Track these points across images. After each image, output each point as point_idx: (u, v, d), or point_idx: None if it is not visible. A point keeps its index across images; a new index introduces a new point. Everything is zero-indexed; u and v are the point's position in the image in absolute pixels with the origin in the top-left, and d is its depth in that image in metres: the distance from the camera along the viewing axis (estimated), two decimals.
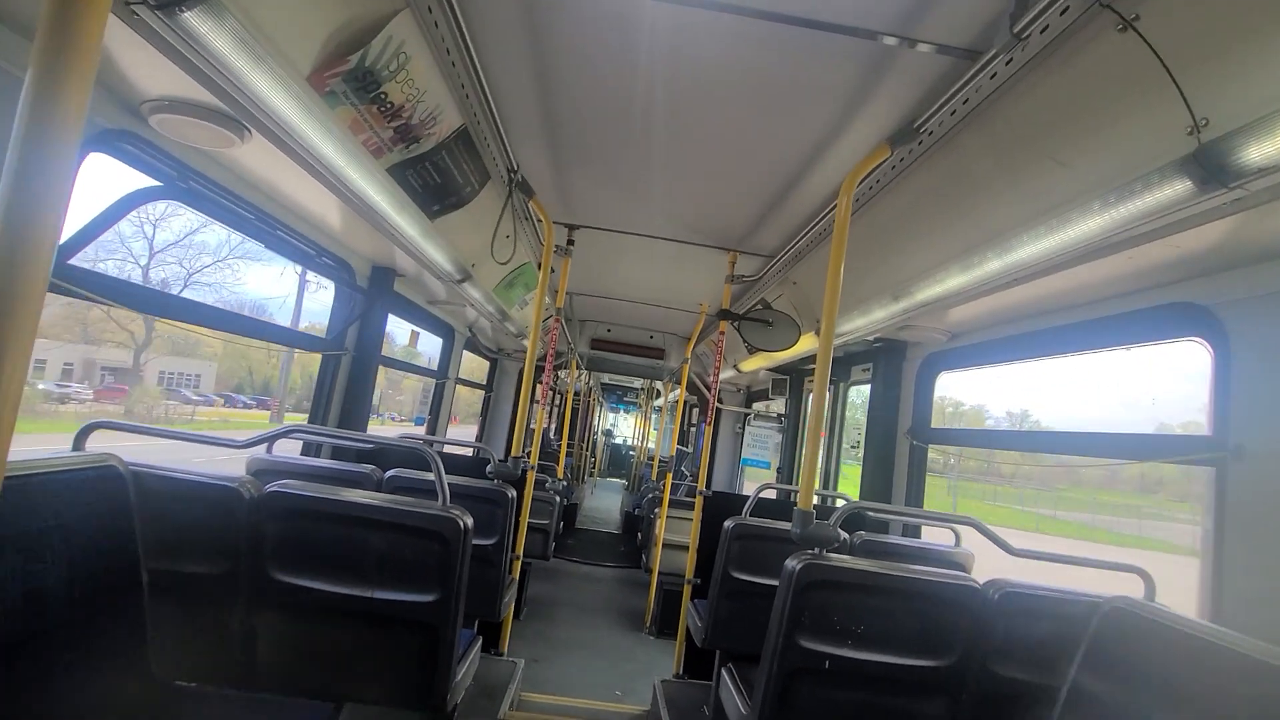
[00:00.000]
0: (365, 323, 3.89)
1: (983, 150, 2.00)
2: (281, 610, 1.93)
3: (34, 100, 0.70)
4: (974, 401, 27.20)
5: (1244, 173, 1.26)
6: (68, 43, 0.71)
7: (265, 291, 28.30)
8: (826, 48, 1.83)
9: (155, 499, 1.79)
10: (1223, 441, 1.91)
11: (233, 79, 1.48)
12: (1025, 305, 2.79)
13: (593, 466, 16.57)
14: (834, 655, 1.85)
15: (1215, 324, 2.00)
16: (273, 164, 2.39)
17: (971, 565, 3.03)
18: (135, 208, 2.18)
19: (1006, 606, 1.85)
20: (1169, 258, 1.98)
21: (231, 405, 17.84)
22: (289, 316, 14.38)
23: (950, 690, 1.89)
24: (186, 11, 1.25)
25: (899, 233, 2.64)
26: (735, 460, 7.91)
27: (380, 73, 1.83)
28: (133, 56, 1.68)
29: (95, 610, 1.58)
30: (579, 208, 3.64)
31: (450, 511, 1.94)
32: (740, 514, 3.06)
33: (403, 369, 5.03)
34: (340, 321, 3.80)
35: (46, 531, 1.45)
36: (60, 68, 0.71)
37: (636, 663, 4.82)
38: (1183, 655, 1.39)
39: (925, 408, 3.73)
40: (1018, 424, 32.30)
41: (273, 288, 27.57)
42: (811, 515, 1.92)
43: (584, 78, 2.21)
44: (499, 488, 3.07)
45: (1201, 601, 1.92)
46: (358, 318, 3.84)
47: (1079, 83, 1.58)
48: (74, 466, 1.56)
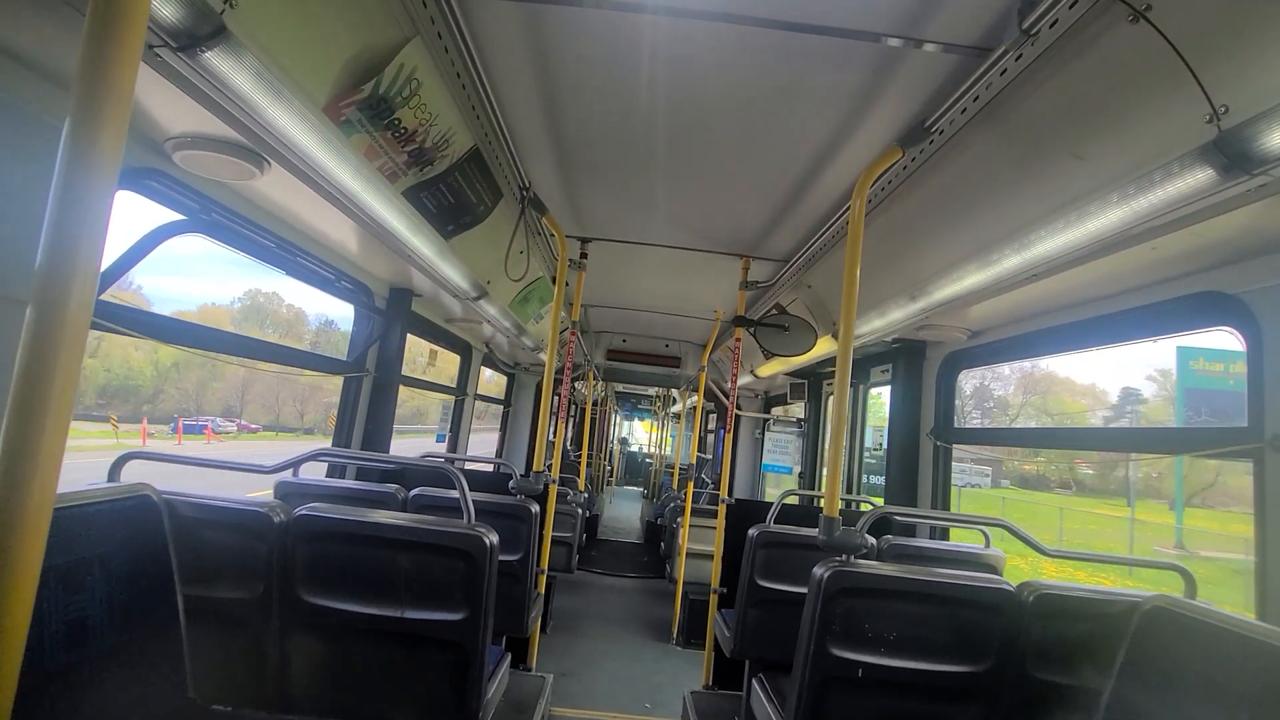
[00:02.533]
0: (384, 343, 3.94)
1: (997, 147, 1.98)
2: (313, 632, 1.95)
3: (72, 146, 0.73)
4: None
5: (1267, 158, 1.24)
6: (102, 90, 0.74)
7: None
8: (830, 52, 1.83)
9: (189, 526, 1.82)
10: (1259, 431, 1.86)
11: (253, 114, 1.52)
12: (1047, 300, 2.75)
13: (610, 476, 16.56)
14: (866, 663, 1.82)
15: (1245, 312, 1.96)
16: (291, 193, 2.44)
17: (1002, 567, 2.97)
18: (162, 242, 2.25)
19: (1042, 608, 1.81)
20: (1193, 247, 1.94)
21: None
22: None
23: (987, 696, 1.85)
24: (207, 51, 1.29)
25: (914, 232, 2.62)
26: (755, 466, 7.86)
27: (393, 100, 1.87)
28: (157, 97, 1.73)
29: (134, 637, 1.62)
30: (591, 221, 3.66)
31: (476, 529, 1.95)
32: (764, 521, 3.04)
33: (422, 387, 5.09)
34: (361, 343, 3.85)
35: (86, 562, 1.49)
36: (96, 113, 0.73)
37: (665, 674, 4.78)
38: (1230, 654, 1.35)
39: (947, 407, 3.68)
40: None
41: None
42: (838, 521, 1.90)
43: (591, 93, 2.23)
44: (522, 503, 3.08)
45: (1250, 599, 1.86)
46: (377, 339, 3.90)
47: (1092, 76, 1.57)
48: (110, 498, 1.60)
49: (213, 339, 2.73)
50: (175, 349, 2.44)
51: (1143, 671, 1.54)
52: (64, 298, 0.71)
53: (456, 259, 2.94)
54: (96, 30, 0.72)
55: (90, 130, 0.72)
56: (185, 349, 2.50)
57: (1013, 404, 32.22)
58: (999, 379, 32.49)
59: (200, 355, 2.72)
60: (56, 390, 0.70)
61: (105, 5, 0.72)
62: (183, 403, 24.16)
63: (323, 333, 27.41)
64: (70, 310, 0.71)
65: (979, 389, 30.94)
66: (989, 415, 30.77)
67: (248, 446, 23.34)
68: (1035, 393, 31.84)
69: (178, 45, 1.27)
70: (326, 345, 28.08)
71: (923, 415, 3.80)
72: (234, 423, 26.48)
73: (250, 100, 1.47)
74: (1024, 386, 32.47)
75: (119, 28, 0.73)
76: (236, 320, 29.50)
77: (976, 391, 30.56)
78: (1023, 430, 4.48)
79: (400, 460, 2.58)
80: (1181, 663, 1.46)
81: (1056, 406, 31.18)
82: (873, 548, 2.93)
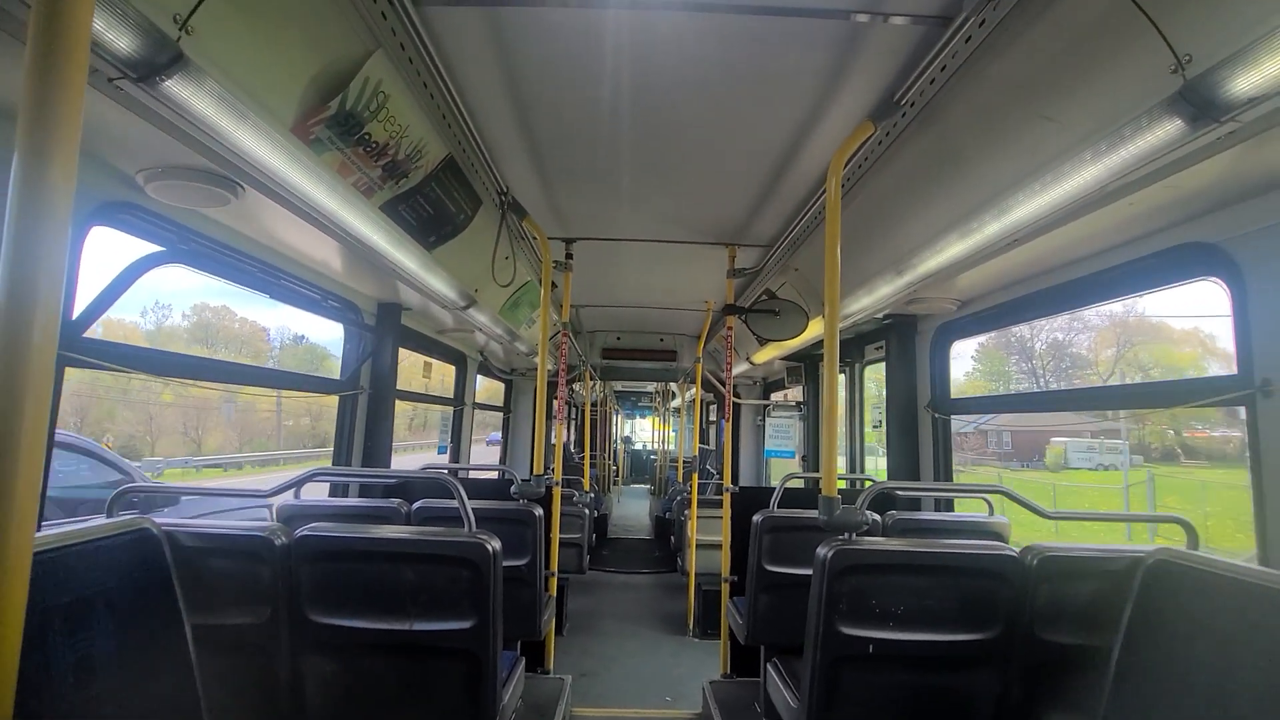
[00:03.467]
0: (377, 360, 3.94)
1: (968, 115, 1.98)
2: (324, 652, 1.95)
3: (23, 180, 0.72)
4: None
5: (1234, 104, 1.24)
6: (50, 122, 0.72)
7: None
8: (796, 32, 1.83)
9: (191, 556, 1.82)
10: (1249, 379, 1.87)
11: (220, 139, 1.52)
12: (1032, 265, 2.75)
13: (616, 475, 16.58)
14: (876, 639, 1.83)
15: (1227, 260, 1.96)
16: (269, 216, 2.44)
17: (1008, 534, 2.98)
18: (141, 275, 2.24)
19: (1046, 571, 1.82)
20: (1171, 199, 1.95)
21: None
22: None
23: (998, 662, 1.87)
24: (167, 80, 1.28)
25: (895, 207, 2.62)
26: (759, 453, 7.87)
27: (362, 114, 1.86)
28: (123, 129, 1.72)
29: (145, 671, 1.61)
30: (573, 221, 3.66)
31: (477, 537, 1.95)
32: (768, 507, 3.05)
33: (419, 401, 5.08)
34: (353, 361, 3.85)
35: (89, 600, 1.48)
36: (45, 146, 0.72)
37: (683, 666, 4.80)
38: (1234, 603, 1.36)
39: (943, 379, 3.69)
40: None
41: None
42: (838, 501, 1.91)
43: (560, 93, 2.23)
44: (525, 507, 3.08)
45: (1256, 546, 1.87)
46: (369, 356, 3.89)
47: (1055, 36, 1.57)
48: (109, 534, 1.60)
49: (202, 369, 2.72)
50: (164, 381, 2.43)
51: (1150, 625, 1.55)
52: (25, 337, 0.70)
53: (442, 270, 2.93)
54: (39, 62, 0.71)
55: (39, 164, 0.71)
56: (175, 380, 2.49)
57: (1101, 362, 26.29)
58: (1081, 328, 26.45)
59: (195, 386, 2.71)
60: (27, 432, 0.70)
61: (46, 36, 0.71)
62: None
63: (289, 349, 25.70)
64: (33, 349, 0.70)
65: (1054, 345, 26.02)
66: (1065, 377, 25.75)
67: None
68: (1130, 344, 25.35)
69: (137, 75, 1.26)
70: (293, 360, 26.61)
71: (919, 389, 3.81)
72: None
73: (216, 126, 1.46)
74: (1110, 339, 26.01)
75: (61, 58, 0.72)
76: (186, 341, 26.40)
77: (1052, 348, 26.02)
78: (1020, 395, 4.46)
79: (399, 474, 2.58)
80: (1187, 614, 1.46)
81: (1159, 358, 23.97)
82: (877, 524, 2.93)
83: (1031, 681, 1.85)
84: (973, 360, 15.33)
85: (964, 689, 1.88)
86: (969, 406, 3.70)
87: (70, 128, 0.73)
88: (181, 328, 25.51)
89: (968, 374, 14.34)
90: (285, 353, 26.10)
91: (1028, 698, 1.86)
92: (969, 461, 23.29)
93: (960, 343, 3.70)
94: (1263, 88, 1.18)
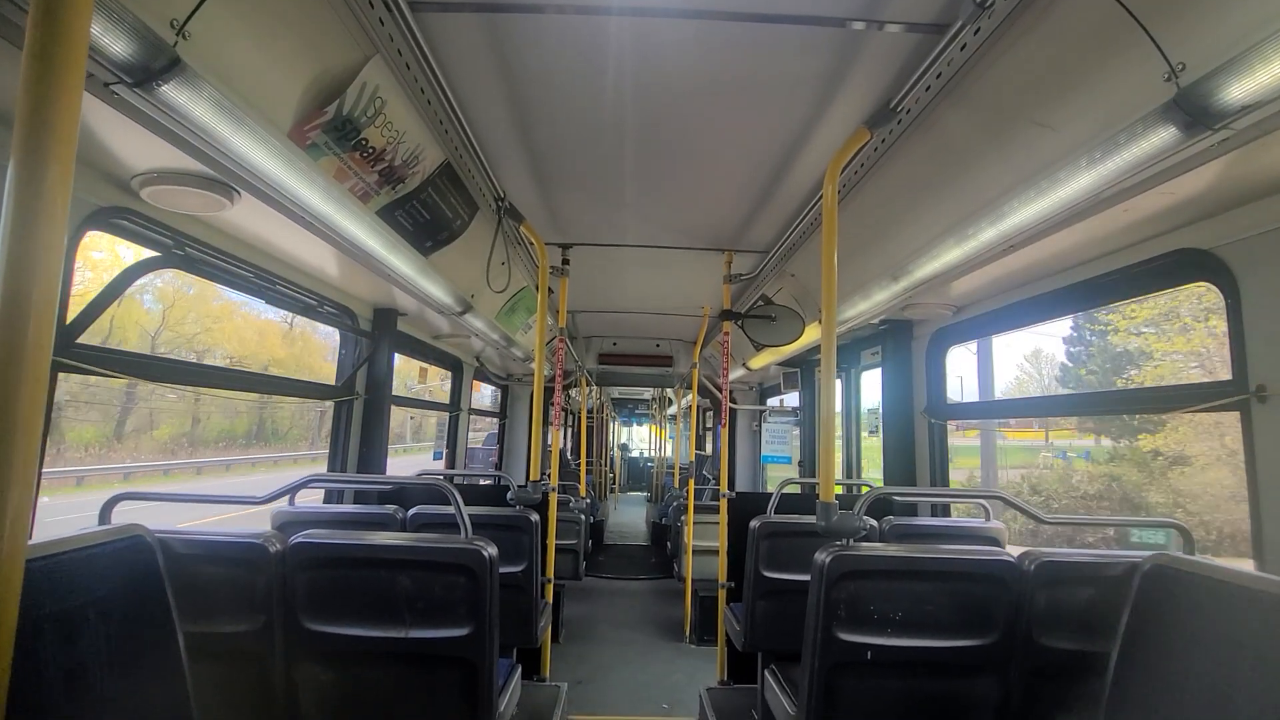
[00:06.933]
0: (373, 365, 3.92)
1: (964, 122, 1.99)
2: (319, 660, 1.93)
3: (19, 185, 0.71)
4: None
5: (1227, 112, 1.25)
6: (47, 126, 0.72)
7: None
8: (794, 39, 1.84)
9: (184, 563, 1.80)
10: (1243, 384, 1.88)
11: (216, 144, 1.51)
12: (1027, 270, 2.76)
13: (613, 482, 16.54)
14: (875, 645, 1.82)
15: (1221, 266, 1.98)
16: (265, 221, 2.43)
17: (1005, 539, 2.98)
18: (136, 279, 2.23)
19: (1044, 576, 1.81)
20: (1165, 206, 1.96)
21: None
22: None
23: (997, 668, 1.86)
24: (163, 85, 1.28)
25: (891, 213, 2.64)
26: (756, 459, 7.87)
27: (359, 119, 1.86)
28: (119, 134, 1.71)
29: (137, 681, 1.59)
30: (570, 227, 3.66)
31: (473, 543, 1.94)
32: (765, 512, 3.04)
33: (415, 406, 5.05)
34: (348, 367, 3.83)
35: (81, 608, 1.46)
36: (42, 151, 0.72)
37: (680, 673, 4.77)
38: (1232, 607, 1.36)
39: (938, 384, 3.70)
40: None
41: None
42: (835, 507, 1.90)
43: (559, 99, 2.23)
44: (522, 514, 3.07)
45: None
46: (365, 361, 3.87)
47: (1050, 44, 1.58)
48: (102, 541, 1.58)
49: (195, 374, 2.70)
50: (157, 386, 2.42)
51: (1148, 630, 1.54)
52: (19, 342, 0.70)
53: (438, 275, 2.93)
54: (36, 66, 0.71)
55: (35, 169, 0.71)
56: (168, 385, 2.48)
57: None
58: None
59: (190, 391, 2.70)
60: (20, 437, 0.69)
61: (44, 41, 0.71)
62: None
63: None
64: (28, 354, 0.70)
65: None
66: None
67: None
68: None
69: (133, 81, 1.26)
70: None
71: (915, 394, 3.82)
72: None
73: (212, 131, 1.46)
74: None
75: (59, 63, 0.72)
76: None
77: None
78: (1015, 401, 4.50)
79: (394, 480, 2.57)
80: (1185, 618, 1.46)
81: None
82: (874, 530, 2.93)
83: (1031, 687, 1.84)
84: (1025, 359, 14.35)
85: (963, 695, 1.88)
86: (966, 412, 3.71)
87: (67, 132, 0.72)
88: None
89: (1017, 378, 13.39)
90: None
91: (1027, 703, 1.85)
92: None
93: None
94: (1255, 95, 1.19)
